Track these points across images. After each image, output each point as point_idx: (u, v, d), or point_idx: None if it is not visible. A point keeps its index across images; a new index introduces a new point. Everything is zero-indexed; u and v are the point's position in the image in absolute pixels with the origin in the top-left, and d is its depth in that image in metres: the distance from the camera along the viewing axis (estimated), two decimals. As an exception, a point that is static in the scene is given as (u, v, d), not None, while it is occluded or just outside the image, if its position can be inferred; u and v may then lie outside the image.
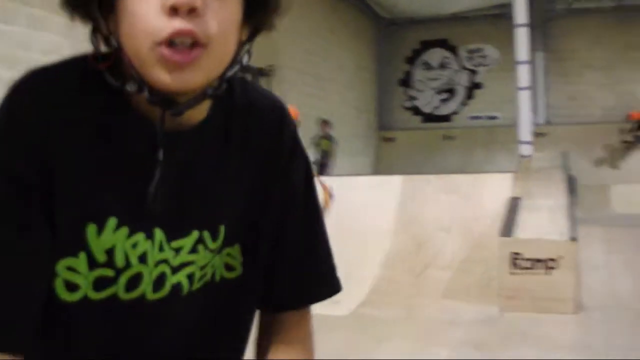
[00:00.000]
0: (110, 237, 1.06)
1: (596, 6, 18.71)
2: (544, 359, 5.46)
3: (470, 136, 19.00)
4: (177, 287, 1.12)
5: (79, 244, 1.04)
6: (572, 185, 9.79)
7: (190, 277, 1.13)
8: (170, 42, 0.95)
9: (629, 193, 15.78)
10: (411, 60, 21.02)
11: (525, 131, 11.26)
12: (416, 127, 20.14)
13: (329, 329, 4.47)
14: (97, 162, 1.05)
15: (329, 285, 1.30)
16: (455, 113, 20.14)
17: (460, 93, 20.16)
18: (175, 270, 1.11)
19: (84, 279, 1.05)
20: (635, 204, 15.14)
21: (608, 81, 18.58)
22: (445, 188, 9.27)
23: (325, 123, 14.70)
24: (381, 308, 6.92)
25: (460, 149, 18.48)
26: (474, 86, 20.05)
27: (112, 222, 1.05)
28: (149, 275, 1.09)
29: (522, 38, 11.44)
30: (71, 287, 1.04)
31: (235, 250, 1.18)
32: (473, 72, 20.14)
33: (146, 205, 1.06)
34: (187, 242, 1.12)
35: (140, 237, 1.08)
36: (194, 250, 1.13)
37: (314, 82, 15.29)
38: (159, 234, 1.09)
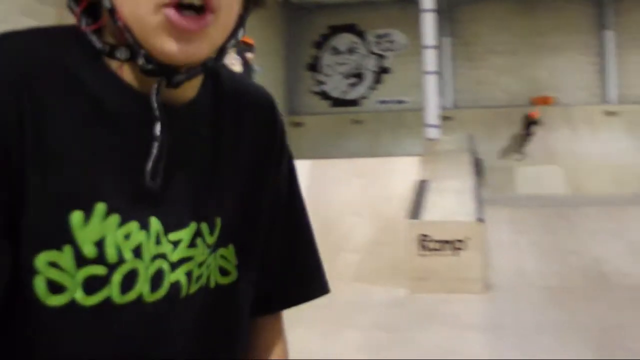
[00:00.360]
0: (99, 227, 0.88)
1: (501, -8, 19.10)
2: (453, 339, 5.48)
3: (378, 120, 19.12)
4: (176, 286, 0.95)
5: (62, 235, 0.86)
6: (478, 168, 9.92)
7: (189, 275, 0.97)
8: (179, 3, 0.83)
9: (533, 174, 16.22)
10: (319, 45, 20.99)
11: (432, 115, 11.36)
12: (325, 112, 20.15)
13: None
14: (83, 138, 0.89)
15: (320, 284, 1.21)
16: (363, 97, 20.24)
17: (369, 78, 20.27)
18: (173, 267, 0.95)
19: (71, 279, 0.86)
20: (539, 185, 15.58)
21: (512, 66, 18.99)
22: (354, 172, 9.27)
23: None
24: (291, 293, 6.82)
25: (369, 133, 18.57)
26: (382, 71, 20.18)
27: (100, 208, 0.88)
28: (145, 272, 0.92)
29: (428, 23, 11.55)
30: (56, 288, 0.85)
31: (230, 251, 1.03)
32: (381, 56, 20.28)
33: (141, 188, 0.91)
34: (186, 234, 0.96)
35: (133, 226, 0.91)
36: (192, 244, 0.97)
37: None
38: (155, 223, 0.93)
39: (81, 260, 0.86)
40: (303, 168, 9.36)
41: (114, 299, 0.89)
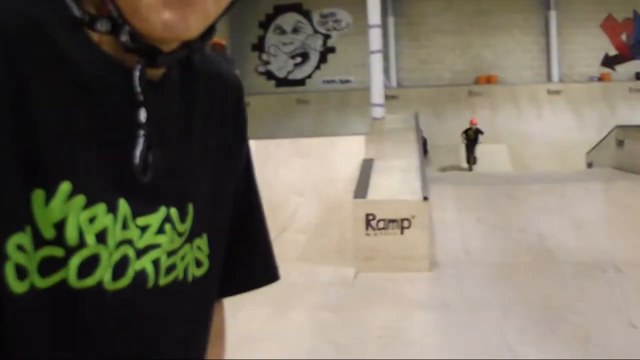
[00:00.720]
0: (61, 207, 0.79)
1: (447, -28, 19.16)
2: (401, 317, 5.47)
3: (324, 100, 19.11)
4: (141, 275, 0.86)
5: (25, 215, 0.77)
6: (423, 146, 9.91)
7: (155, 263, 0.88)
8: None
9: (479, 153, 16.34)
10: (264, 25, 20.87)
11: (377, 94, 11.35)
12: (270, 92, 20.06)
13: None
14: (57, 108, 0.80)
15: (272, 270, 1.16)
16: (309, 77, 20.20)
17: (314, 57, 20.22)
18: (139, 254, 0.86)
19: (30, 261, 0.77)
20: (484, 163, 15.72)
21: (457, 45, 19.13)
22: (299, 152, 9.20)
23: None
24: (236, 275, 6.75)
25: (315, 113, 18.55)
26: (328, 50, 20.15)
27: (64, 187, 0.79)
28: (108, 259, 0.82)
29: (373, 2, 11.50)
30: (21, 273, 0.76)
31: (203, 241, 0.96)
32: (326, 36, 20.22)
33: (113, 168, 0.83)
34: (155, 219, 0.88)
35: (100, 209, 0.81)
36: (160, 230, 0.88)
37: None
38: (123, 206, 0.84)
39: (39, 241, 0.77)
40: (247, 148, 9.26)
41: (70, 282, 0.79)
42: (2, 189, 0.74)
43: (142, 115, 0.82)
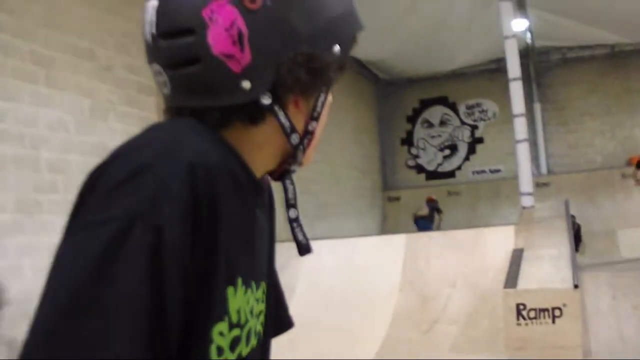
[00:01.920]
0: (240, 297, 1.11)
1: (590, 54, 18.92)
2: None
3: (474, 191, 19.05)
4: (259, 335, 1.23)
5: (223, 308, 1.07)
6: (576, 233, 9.82)
7: (262, 325, 1.25)
8: None
9: (636, 237, 15.72)
10: (412, 119, 21.18)
11: (525, 183, 11.35)
12: (421, 185, 20.20)
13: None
14: (234, 226, 1.10)
15: (289, 322, 1.51)
16: (458, 169, 20.22)
17: (462, 148, 20.27)
18: (258, 319, 1.23)
19: (226, 342, 1.08)
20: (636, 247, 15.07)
21: (607, 127, 18.68)
22: (449, 244, 9.35)
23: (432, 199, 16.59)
24: (390, 367, 6.94)
25: (466, 204, 18.50)
26: (476, 141, 20.16)
27: (239, 281, 1.11)
28: (254, 328, 1.19)
29: (516, 91, 11.60)
30: (220, 351, 1.07)
31: (264, 306, 1.29)
32: (473, 127, 20.28)
33: (249, 260, 1.18)
34: (260, 292, 1.23)
35: (248, 291, 1.15)
36: (262, 300, 1.25)
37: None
38: (254, 286, 1.18)
39: (231, 326, 1.09)
40: (399, 242, 9.54)
41: (243, 353, 1.14)
42: (212, 292, 1.04)
43: (293, 213, 1.28)
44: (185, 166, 0.99)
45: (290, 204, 1.28)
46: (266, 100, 1.13)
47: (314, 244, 1.36)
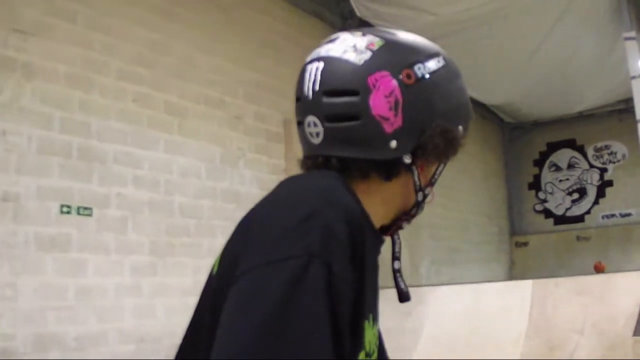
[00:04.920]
0: (369, 330, 1.35)
1: None
2: None
3: (604, 235, 18.48)
4: None
5: (362, 339, 1.30)
6: None
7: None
8: None
9: None
10: (539, 162, 20.84)
11: (657, 227, 11.09)
12: (549, 230, 19.82)
13: None
14: (372, 268, 1.34)
15: None
16: (587, 213, 19.70)
17: (592, 192, 19.76)
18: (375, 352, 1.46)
19: None
20: None
21: None
22: (577, 289, 9.25)
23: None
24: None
25: (595, 249, 17.94)
26: (605, 184, 19.62)
27: (370, 317, 1.35)
28: (375, 357, 1.45)
29: (646, 133, 11.35)
30: None
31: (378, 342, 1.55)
32: (602, 169, 19.75)
33: (377, 301, 1.44)
34: (376, 328, 1.48)
35: (375, 327, 1.43)
36: (377, 335, 1.50)
37: (442, 191, 15.31)
38: (372, 321, 1.41)
39: (365, 355, 1.36)
40: (525, 288, 9.50)
41: None
42: (358, 326, 1.27)
43: (397, 264, 1.55)
44: (345, 213, 1.24)
45: (395, 257, 1.53)
46: (407, 160, 1.40)
47: (441, 289, 1.70)
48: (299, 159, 1.52)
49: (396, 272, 1.54)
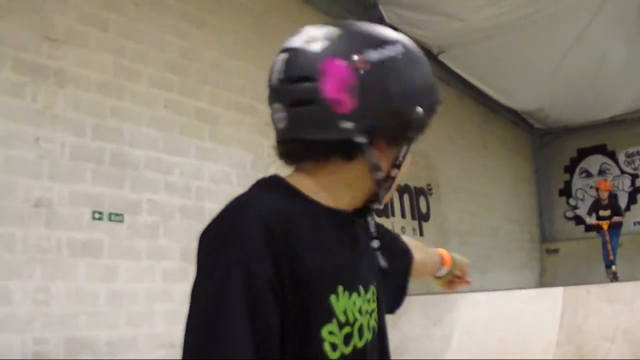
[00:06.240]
0: (345, 301, 1.45)
1: None
2: None
3: (636, 242, 18.30)
4: (374, 329, 1.56)
5: (330, 312, 1.41)
6: None
7: (376, 320, 1.60)
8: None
9: None
10: (570, 168, 20.72)
11: (690, 234, 11.00)
12: (580, 237, 19.61)
13: None
14: (320, 251, 1.44)
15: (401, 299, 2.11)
16: (619, 220, 19.54)
17: (623, 199, 19.58)
18: (371, 316, 1.56)
19: (338, 339, 1.41)
20: None
21: None
22: (608, 297, 9.17)
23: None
24: (548, 421, 6.92)
25: (627, 256, 17.71)
26: (637, 190, 19.44)
27: (340, 289, 1.45)
28: (366, 323, 1.54)
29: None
30: (333, 347, 1.40)
31: (376, 305, 1.63)
32: (634, 175, 19.57)
33: (353, 270, 1.54)
34: (370, 294, 1.59)
35: (354, 295, 1.48)
36: (372, 300, 1.60)
37: (472, 198, 15.31)
38: (361, 290, 1.52)
39: (341, 325, 1.45)
40: (556, 295, 9.44)
41: (357, 345, 1.46)
42: (313, 301, 1.38)
43: (375, 243, 1.61)
44: (258, 216, 1.37)
45: (372, 237, 1.62)
46: (361, 139, 1.48)
47: (471, 296, 1.77)
48: (273, 146, 1.64)
49: (374, 250, 1.63)
